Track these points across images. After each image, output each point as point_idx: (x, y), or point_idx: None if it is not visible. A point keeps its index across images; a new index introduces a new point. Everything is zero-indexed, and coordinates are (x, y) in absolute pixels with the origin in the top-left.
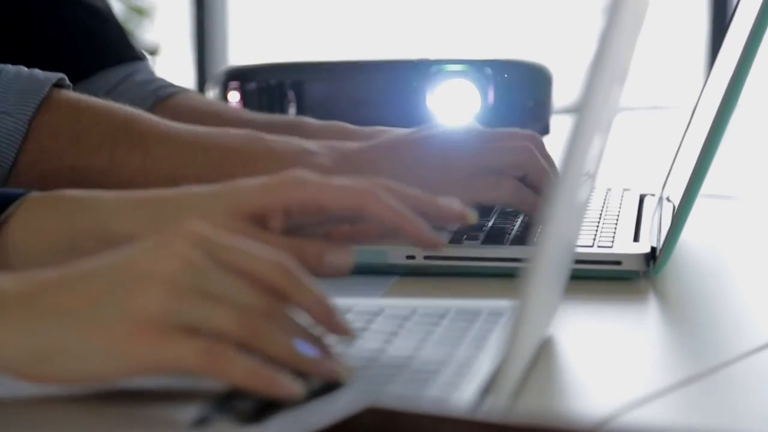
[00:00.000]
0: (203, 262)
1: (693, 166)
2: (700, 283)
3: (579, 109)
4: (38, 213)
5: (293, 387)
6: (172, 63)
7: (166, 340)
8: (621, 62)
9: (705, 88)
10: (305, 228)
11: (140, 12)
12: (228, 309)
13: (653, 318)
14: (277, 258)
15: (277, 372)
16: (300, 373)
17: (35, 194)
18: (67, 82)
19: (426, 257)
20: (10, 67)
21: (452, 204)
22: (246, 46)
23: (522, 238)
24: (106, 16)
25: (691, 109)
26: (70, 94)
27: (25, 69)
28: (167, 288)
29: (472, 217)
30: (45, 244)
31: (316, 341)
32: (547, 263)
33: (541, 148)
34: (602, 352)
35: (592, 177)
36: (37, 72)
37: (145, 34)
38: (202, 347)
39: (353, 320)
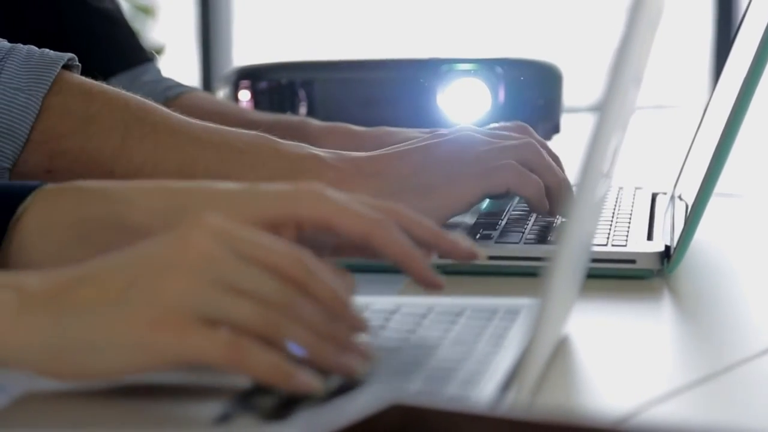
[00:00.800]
0: (224, 254)
1: (707, 165)
2: (713, 282)
3: (600, 109)
4: (51, 205)
5: (313, 382)
6: (177, 62)
7: (189, 333)
8: (639, 64)
9: (717, 88)
10: (316, 238)
11: (145, 11)
12: (250, 302)
13: (669, 316)
14: (296, 251)
15: (297, 367)
16: (321, 370)
17: (49, 186)
18: (77, 62)
19: (440, 256)
20: (21, 46)
21: (462, 241)
22: (251, 45)
23: (535, 237)
24: (117, 20)
25: (702, 108)
26: (82, 78)
27: (36, 48)
28: (189, 280)
29: (482, 254)
30: (59, 235)
31: (338, 335)
32: (568, 261)
33: (535, 137)
34: (618, 350)
35: (609, 176)
36: (48, 51)
37: (150, 33)
38: (224, 340)
39: (370, 318)
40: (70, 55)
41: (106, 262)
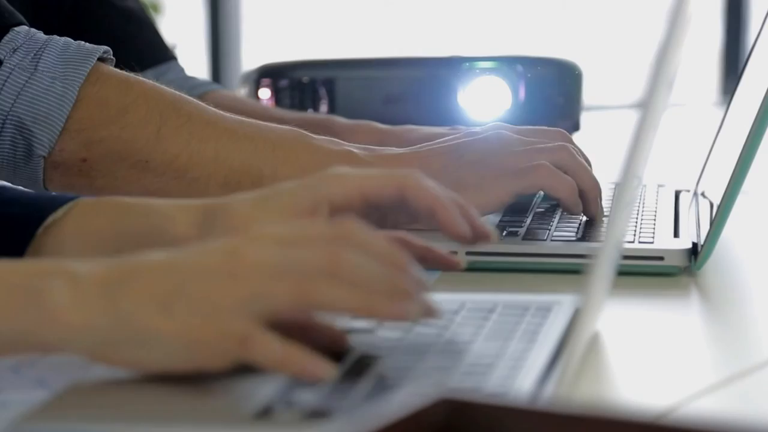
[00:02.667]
0: (274, 254)
1: (734, 164)
2: (740, 278)
3: (641, 111)
4: (89, 216)
5: (325, 370)
6: (186, 61)
7: (241, 338)
8: (674, 66)
9: (739, 86)
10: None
11: (155, 9)
12: (294, 281)
13: (697, 313)
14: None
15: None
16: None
17: (86, 199)
18: (111, 55)
19: (468, 253)
20: (57, 37)
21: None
22: (260, 43)
23: (562, 235)
24: (141, 19)
25: (722, 106)
26: (117, 69)
27: (72, 40)
28: (239, 285)
29: (494, 237)
30: (96, 247)
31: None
32: (610, 259)
33: (573, 144)
34: (649, 346)
35: (641, 175)
36: (84, 44)
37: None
38: (237, 335)
39: None
40: (106, 47)
41: (157, 258)
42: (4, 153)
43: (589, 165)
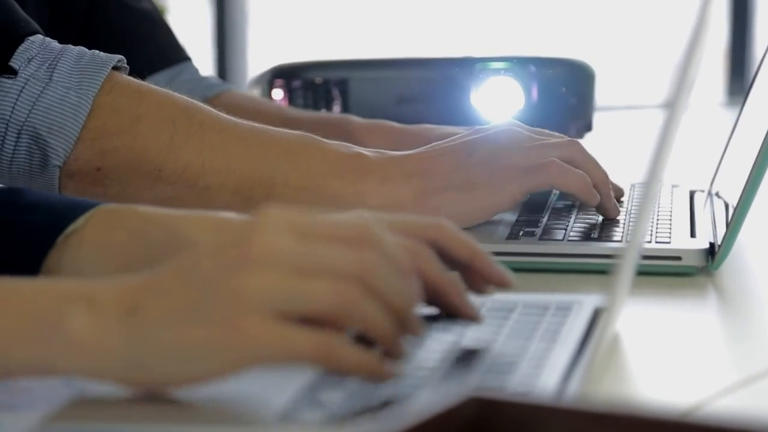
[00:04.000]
0: (290, 242)
1: (752, 163)
2: (757, 278)
3: (669, 112)
4: (110, 227)
5: (395, 370)
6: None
7: (273, 333)
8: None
9: (753, 87)
10: None
11: (162, 11)
12: (324, 281)
13: (715, 313)
14: (362, 221)
15: (381, 358)
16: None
17: (106, 207)
18: (125, 64)
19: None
20: (72, 47)
21: (498, 266)
22: (267, 45)
23: (578, 234)
24: (155, 20)
25: (739, 108)
26: (131, 78)
27: (86, 49)
28: (260, 275)
29: (513, 283)
30: (117, 258)
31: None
32: (636, 258)
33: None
34: (668, 346)
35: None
36: (99, 53)
37: None
38: (313, 339)
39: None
40: (120, 56)
41: (172, 269)
42: (21, 162)
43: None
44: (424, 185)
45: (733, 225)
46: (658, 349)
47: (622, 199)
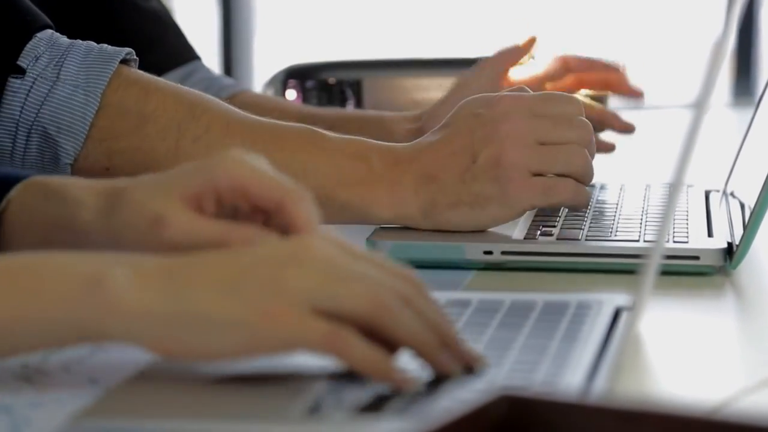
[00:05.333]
0: (340, 254)
1: None
2: None
3: (696, 111)
4: (27, 201)
5: (409, 379)
6: None
7: (294, 320)
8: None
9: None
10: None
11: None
12: (362, 286)
13: (734, 312)
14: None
15: (395, 363)
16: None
17: (30, 180)
18: (134, 56)
19: (503, 252)
20: (80, 42)
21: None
22: (273, 45)
23: (596, 234)
24: (166, 21)
25: (754, 108)
26: (140, 73)
27: (95, 44)
28: (305, 273)
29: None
30: (31, 234)
31: (446, 327)
32: (661, 258)
33: (580, 112)
34: (686, 346)
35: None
36: (107, 46)
37: None
38: (324, 329)
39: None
40: (128, 49)
41: (217, 252)
42: (33, 161)
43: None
44: (432, 198)
45: (751, 225)
46: (676, 349)
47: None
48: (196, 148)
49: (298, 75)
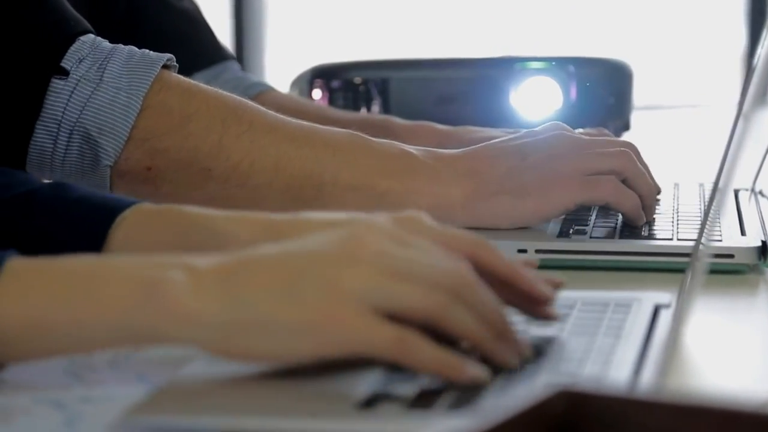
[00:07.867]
0: (396, 249)
1: None
2: None
3: (746, 115)
4: (148, 224)
5: (481, 374)
6: None
7: (359, 324)
8: None
9: None
10: None
11: None
12: (421, 286)
13: None
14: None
15: (463, 359)
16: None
17: (146, 205)
18: (175, 62)
19: (537, 251)
20: (122, 46)
21: (541, 284)
22: (285, 46)
23: (629, 232)
24: (198, 20)
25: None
26: (181, 77)
27: (136, 49)
28: (362, 272)
29: (551, 295)
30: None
31: (500, 319)
32: (705, 258)
33: (637, 154)
34: (722, 343)
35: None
36: (149, 52)
37: None
38: (392, 334)
39: None
40: (169, 55)
41: (272, 251)
42: (73, 162)
43: (647, 170)
44: (474, 188)
45: None
46: (714, 346)
47: (658, 197)
48: (240, 144)
49: (324, 75)
